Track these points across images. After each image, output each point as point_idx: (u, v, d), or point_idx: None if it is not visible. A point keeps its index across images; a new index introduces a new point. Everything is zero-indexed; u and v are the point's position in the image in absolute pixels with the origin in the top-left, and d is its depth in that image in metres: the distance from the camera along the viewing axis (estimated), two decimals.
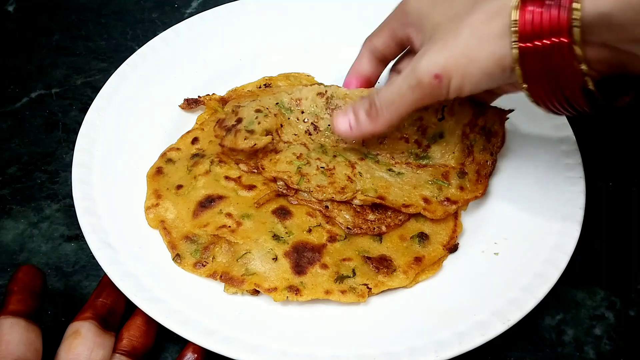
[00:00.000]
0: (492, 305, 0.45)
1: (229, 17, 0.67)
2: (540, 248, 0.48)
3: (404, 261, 0.48)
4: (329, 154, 0.53)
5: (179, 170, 0.54)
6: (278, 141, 0.53)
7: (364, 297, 0.45)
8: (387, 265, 0.47)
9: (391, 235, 0.50)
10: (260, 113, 0.53)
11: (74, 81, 0.68)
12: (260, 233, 0.48)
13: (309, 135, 0.54)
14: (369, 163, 0.52)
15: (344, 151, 0.53)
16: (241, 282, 0.46)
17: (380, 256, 0.48)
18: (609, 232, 0.56)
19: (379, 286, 0.46)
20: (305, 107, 0.54)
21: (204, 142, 0.56)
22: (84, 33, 0.74)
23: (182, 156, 0.55)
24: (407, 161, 0.53)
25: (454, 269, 0.48)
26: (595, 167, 0.56)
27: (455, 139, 0.53)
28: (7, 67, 0.70)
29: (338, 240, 0.49)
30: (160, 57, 0.63)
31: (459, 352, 0.42)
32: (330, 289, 0.46)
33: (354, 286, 0.46)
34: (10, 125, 0.64)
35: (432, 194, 0.51)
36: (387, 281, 0.47)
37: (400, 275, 0.47)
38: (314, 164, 0.52)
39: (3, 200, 0.57)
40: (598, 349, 0.49)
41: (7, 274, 0.52)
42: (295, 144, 0.53)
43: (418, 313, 0.46)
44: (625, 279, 0.53)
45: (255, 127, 0.52)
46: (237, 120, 0.53)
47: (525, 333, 0.49)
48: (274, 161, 0.52)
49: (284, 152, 0.52)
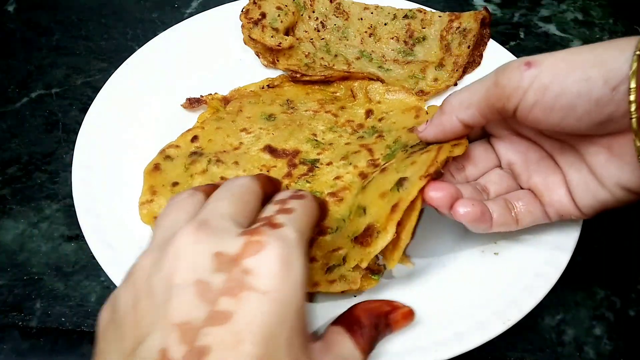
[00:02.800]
0: (492, 305, 0.45)
1: (229, 17, 0.67)
2: (540, 248, 0.48)
3: (384, 217, 0.41)
4: (331, 52, 0.65)
5: (176, 167, 0.53)
6: (292, 37, 0.64)
7: (355, 284, 0.43)
8: (371, 232, 0.42)
9: (372, 200, 0.45)
10: (281, 11, 0.64)
11: (74, 81, 0.68)
12: None
13: (317, 31, 0.66)
14: (364, 61, 0.64)
15: (346, 48, 0.65)
16: None
17: (366, 227, 0.43)
18: (609, 232, 0.56)
19: (365, 258, 0.42)
20: (316, 8, 0.67)
21: (203, 141, 0.56)
22: (84, 33, 0.74)
23: (181, 154, 0.55)
24: (396, 58, 0.65)
25: (453, 269, 0.48)
26: None
27: (436, 42, 0.65)
28: (7, 67, 0.70)
29: (329, 232, 0.47)
30: (160, 57, 0.63)
31: (459, 352, 0.42)
32: (318, 280, 0.44)
33: (344, 274, 0.43)
34: (10, 125, 0.64)
35: (410, 86, 0.61)
36: (371, 249, 0.41)
37: (382, 234, 0.41)
38: (318, 62, 0.64)
39: (3, 200, 0.57)
40: (598, 349, 0.49)
41: (7, 274, 0.52)
42: (305, 41, 0.65)
43: (417, 313, 0.45)
44: (625, 279, 0.53)
45: (278, 25, 0.63)
46: (261, 15, 0.63)
47: (525, 333, 0.49)
48: (287, 56, 0.63)
49: (295, 50, 0.64)
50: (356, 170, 0.52)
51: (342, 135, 0.56)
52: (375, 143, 0.54)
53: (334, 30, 0.66)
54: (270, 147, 0.55)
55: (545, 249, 0.48)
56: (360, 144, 0.55)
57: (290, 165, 0.53)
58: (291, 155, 0.54)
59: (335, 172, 0.52)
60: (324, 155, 0.54)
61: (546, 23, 0.77)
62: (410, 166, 0.44)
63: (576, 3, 0.80)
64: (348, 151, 0.54)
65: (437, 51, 0.65)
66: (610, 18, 0.78)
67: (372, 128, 0.57)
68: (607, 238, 0.55)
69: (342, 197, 0.50)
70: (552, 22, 0.77)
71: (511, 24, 0.77)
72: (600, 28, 0.77)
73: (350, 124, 0.58)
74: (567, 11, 0.79)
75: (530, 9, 0.79)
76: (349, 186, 0.51)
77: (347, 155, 0.54)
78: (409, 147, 0.50)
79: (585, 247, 0.52)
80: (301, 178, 0.52)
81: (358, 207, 0.46)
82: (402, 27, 0.66)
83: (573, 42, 0.75)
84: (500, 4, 0.79)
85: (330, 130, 0.57)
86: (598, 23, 0.77)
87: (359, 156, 0.53)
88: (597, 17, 0.78)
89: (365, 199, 0.46)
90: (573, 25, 0.77)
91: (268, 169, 0.53)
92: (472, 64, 0.63)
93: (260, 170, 0.53)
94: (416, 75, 0.63)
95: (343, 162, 0.53)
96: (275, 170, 0.53)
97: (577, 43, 0.75)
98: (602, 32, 0.76)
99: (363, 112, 0.59)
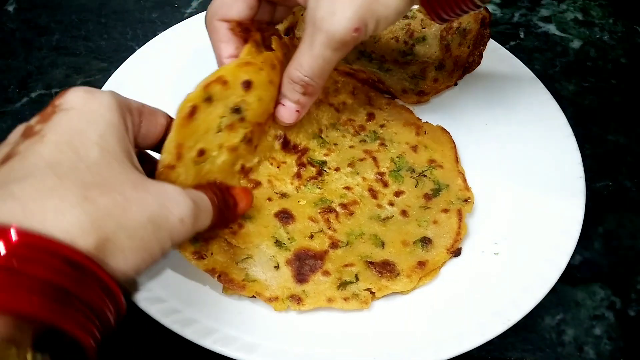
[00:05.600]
0: (492, 305, 0.45)
1: None
2: (540, 248, 0.48)
3: (407, 265, 0.47)
4: None
5: (211, 119, 0.43)
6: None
7: (367, 304, 0.45)
8: (391, 269, 0.47)
9: (394, 241, 0.49)
10: None
11: (74, 81, 0.68)
12: (263, 238, 0.47)
13: None
14: (364, 61, 0.64)
15: None
16: (241, 287, 0.45)
17: (383, 261, 0.47)
18: (609, 232, 0.56)
19: (382, 290, 0.46)
20: None
21: (253, 96, 0.45)
22: (84, 33, 0.74)
23: (224, 98, 0.43)
24: (396, 59, 0.65)
25: (453, 269, 0.48)
26: (595, 167, 0.57)
27: (435, 41, 0.65)
28: (7, 67, 0.70)
29: (340, 246, 0.48)
30: (160, 57, 0.63)
31: (459, 352, 0.42)
32: (332, 296, 0.45)
33: (357, 292, 0.45)
34: (10, 125, 0.63)
35: (410, 86, 0.62)
36: (390, 285, 0.46)
37: (404, 279, 0.46)
38: None
39: None
40: (598, 349, 0.49)
41: None
42: None
43: (418, 313, 0.46)
44: (625, 279, 0.53)
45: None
46: None
47: (525, 333, 0.49)
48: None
49: None
50: (365, 183, 0.53)
51: (345, 135, 0.57)
52: (379, 151, 0.55)
53: None
54: (284, 138, 0.53)
55: (545, 249, 0.48)
56: (364, 149, 0.55)
57: (299, 165, 0.53)
58: (300, 152, 0.54)
59: (343, 180, 0.53)
60: (330, 158, 0.54)
61: (546, 23, 0.77)
62: (432, 225, 0.50)
63: (576, 3, 0.80)
64: (353, 157, 0.55)
65: (437, 51, 0.64)
66: (610, 18, 0.78)
67: (373, 133, 0.57)
68: (607, 238, 0.55)
69: (353, 211, 0.51)
70: (552, 22, 0.77)
71: (511, 24, 0.77)
72: (600, 28, 0.77)
73: (352, 124, 0.58)
74: (567, 11, 0.79)
75: (530, 9, 0.79)
76: (360, 200, 0.51)
77: (354, 162, 0.54)
78: (415, 174, 0.54)
79: (585, 247, 0.52)
80: (310, 181, 0.52)
81: (375, 236, 0.49)
82: (402, 27, 0.66)
83: (573, 42, 0.75)
84: (500, 4, 0.79)
85: (334, 128, 0.57)
86: (598, 23, 0.78)
87: (365, 165, 0.54)
88: (597, 17, 0.78)
89: (384, 236, 0.49)
90: (573, 25, 0.77)
91: (278, 164, 0.53)
92: (472, 64, 0.63)
93: (271, 163, 0.52)
94: (416, 75, 0.63)
95: (350, 169, 0.54)
96: (284, 167, 0.53)
97: (577, 43, 0.75)
98: (602, 32, 0.76)
99: (364, 113, 0.59)
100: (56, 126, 0.32)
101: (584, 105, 0.67)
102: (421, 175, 0.54)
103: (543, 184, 0.53)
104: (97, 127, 0.33)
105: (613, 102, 0.68)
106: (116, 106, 0.34)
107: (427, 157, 0.55)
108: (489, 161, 0.56)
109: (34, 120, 0.33)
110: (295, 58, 0.46)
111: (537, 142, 0.56)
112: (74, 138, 0.31)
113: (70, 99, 0.33)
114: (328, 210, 0.50)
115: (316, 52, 0.44)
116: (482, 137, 0.58)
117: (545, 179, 0.53)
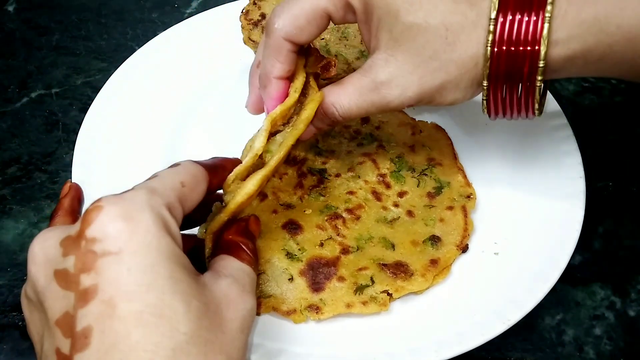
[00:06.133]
0: (492, 305, 0.45)
1: (228, 17, 0.67)
2: (540, 248, 0.48)
3: (420, 264, 0.47)
4: (331, 52, 0.62)
5: None
6: None
7: (385, 306, 0.45)
8: (404, 270, 0.46)
9: (403, 242, 0.49)
10: None
11: (74, 81, 0.68)
12: (273, 252, 0.47)
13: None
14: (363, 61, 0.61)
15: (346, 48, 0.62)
16: (257, 304, 0.43)
17: (395, 262, 0.47)
18: (609, 232, 0.56)
19: (399, 291, 0.45)
20: None
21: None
22: (84, 33, 0.74)
23: None
24: None
25: (453, 269, 0.48)
26: (595, 167, 0.56)
27: None
28: (7, 67, 0.70)
29: (351, 252, 0.48)
30: (160, 57, 0.63)
31: (459, 352, 0.42)
32: (350, 302, 0.45)
33: (374, 295, 0.45)
34: (10, 125, 0.64)
35: None
36: (406, 285, 0.45)
37: (419, 279, 0.46)
38: None
39: (3, 200, 0.57)
40: (598, 349, 0.49)
41: (7, 274, 0.52)
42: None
43: (418, 313, 0.46)
44: (625, 279, 0.53)
45: None
46: (261, 16, 0.62)
47: (525, 333, 0.49)
48: None
49: None
50: (368, 186, 0.53)
51: (342, 142, 0.57)
52: (378, 153, 0.55)
53: (334, 31, 0.64)
54: None
55: (545, 249, 0.48)
56: (362, 152, 0.55)
57: (299, 175, 0.53)
58: (300, 163, 0.54)
59: (346, 185, 0.53)
60: (329, 165, 0.54)
61: None
62: (439, 223, 0.50)
63: None
64: (352, 162, 0.54)
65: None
66: None
67: (369, 135, 0.57)
68: (607, 238, 0.55)
69: (359, 215, 0.50)
70: None
71: None
72: None
73: (347, 130, 0.58)
74: None
75: None
76: (365, 204, 0.51)
77: (354, 167, 0.54)
78: (416, 174, 0.54)
79: (585, 247, 0.52)
80: (313, 190, 0.52)
81: (384, 239, 0.49)
82: None
83: None
84: None
85: (329, 136, 0.57)
86: None
87: (365, 168, 0.54)
88: None
89: (393, 237, 0.49)
90: None
91: (280, 176, 0.53)
92: None
93: (274, 175, 0.51)
94: None
95: (351, 174, 0.53)
96: (286, 178, 0.53)
97: None
98: None
99: (358, 118, 0.58)
100: (109, 280, 0.29)
101: (584, 105, 0.67)
102: (422, 174, 0.54)
103: (543, 184, 0.53)
104: (158, 268, 0.30)
105: (613, 102, 0.68)
106: (161, 225, 0.31)
107: (426, 155, 0.55)
108: (488, 161, 0.56)
109: (71, 262, 0.30)
110: (339, 92, 0.44)
111: (537, 142, 0.56)
112: (140, 290, 0.29)
113: (110, 235, 0.29)
114: (334, 216, 0.50)
115: (362, 104, 0.44)
116: (482, 137, 0.58)
117: (546, 179, 0.53)
